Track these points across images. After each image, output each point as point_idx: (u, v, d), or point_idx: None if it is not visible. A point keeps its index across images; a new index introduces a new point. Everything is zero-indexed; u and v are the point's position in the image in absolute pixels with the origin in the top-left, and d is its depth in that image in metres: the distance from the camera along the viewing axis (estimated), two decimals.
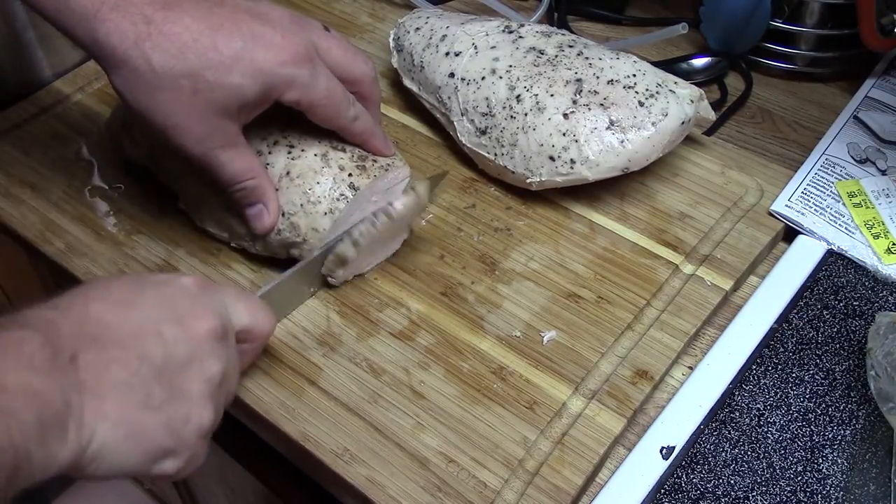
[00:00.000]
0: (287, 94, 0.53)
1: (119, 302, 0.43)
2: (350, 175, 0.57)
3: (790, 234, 0.64)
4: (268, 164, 0.58)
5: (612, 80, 0.62)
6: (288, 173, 0.57)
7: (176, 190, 0.63)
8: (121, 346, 0.41)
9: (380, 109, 0.61)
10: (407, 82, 0.71)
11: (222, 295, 0.48)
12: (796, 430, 0.54)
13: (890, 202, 0.65)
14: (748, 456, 0.52)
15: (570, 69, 0.63)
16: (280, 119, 0.59)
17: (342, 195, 0.57)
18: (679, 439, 0.53)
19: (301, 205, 0.57)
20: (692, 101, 0.63)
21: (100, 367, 0.39)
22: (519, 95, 0.62)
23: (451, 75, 0.66)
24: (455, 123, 0.66)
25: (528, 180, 0.62)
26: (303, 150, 0.58)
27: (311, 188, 0.57)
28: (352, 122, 0.57)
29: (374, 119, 0.59)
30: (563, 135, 0.60)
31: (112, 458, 0.39)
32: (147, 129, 0.55)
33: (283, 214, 0.57)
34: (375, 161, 0.59)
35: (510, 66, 0.64)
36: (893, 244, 0.62)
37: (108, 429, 0.39)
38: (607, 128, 0.60)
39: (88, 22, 0.49)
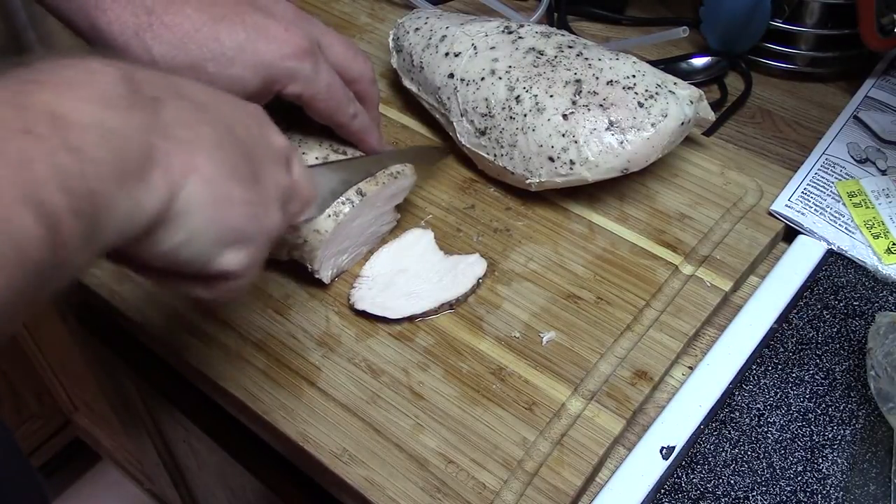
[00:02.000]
0: (289, 88, 0.53)
1: (199, 86, 0.40)
2: (360, 205, 0.57)
3: (790, 234, 0.64)
4: None
5: (611, 81, 0.62)
6: None
7: None
8: (208, 112, 0.38)
9: (379, 110, 0.61)
10: (406, 83, 0.71)
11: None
12: (796, 430, 0.54)
13: (890, 202, 0.65)
14: (748, 456, 0.52)
15: (569, 70, 0.63)
16: (282, 122, 0.59)
17: (348, 199, 0.56)
18: (679, 439, 0.53)
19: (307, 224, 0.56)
20: (692, 102, 0.63)
21: (189, 122, 0.37)
22: (518, 96, 0.62)
23: (451, 76, 0.66)
24: (454, 124, 0.66)
25: (528, 181, 0.62)
26: (304, 154, 0.58)
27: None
28: (351, 118, 0.57)
29: (372, 119, 0.59)
30: (563, 135, 0.60)
31: (191, 223, 0.36)
32: None
33: None
34: (385, 168, 0.59)
35: (509, 66, 0.64)
36: (893, 244, 0.62)
37: (196, 185, 0.36)
38: (607, 128, 0.60)
39: (89, 11, 0.49)
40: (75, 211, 0.31)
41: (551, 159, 0.61)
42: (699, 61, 0.79)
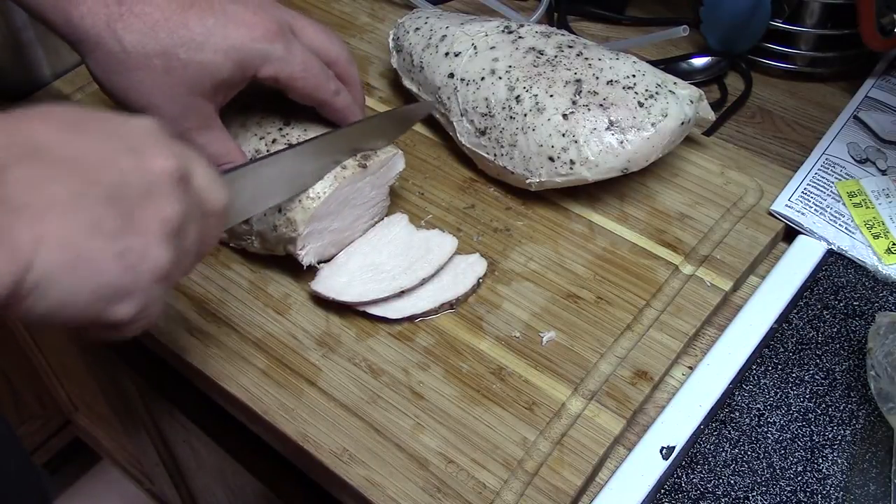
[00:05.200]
0: (263, 70, 0.53)
1: (64, 123, 0.37)
2: (353, 174, 0.57)
3: (790, 234, 0.64)
4: None
5: (611, 81, 0.62)
6: None
7: None
8: (63, 165, 0.36)
9: (362, 91, 0.61)
10: (406, 83, 0.71)
11: (183, 146, 0.42)
12: (796, 430, 0.54)
13: (890, 202, 0.65)
14: (748, 456, 0.52)
15: (569, 70, 0.63)
16: (279, 118, 0.59)
17: (343, 167, 0.57)
18: (679, 439, 0.53)
19: (299, 200, 0.56)
20: (692, 102, 0.63)
21: (35, 185, 0.34)
22: (518, 96, 0.62)
23: (451, 76, 0.66)
24: (454, 124, 0.66)
25: (528, 181, 0.62)
26: None
27: (315, 207, 0.56)
28: (333, 95, 0.57)
29: (355, 100, 0.59)
30: (563, 135, 0.60)
31: (57, 290, 0.35)
32: (122, 108, 0.54)
33: (279, 210, 0.57)
34: (378, 156, 0.59)
35: (509, 66, 0.64)
36: (893, 244, 0.62)
37: (51, 252, 0.34)
38: (607, 128, 0.60)
39: (63, 6, 0.50)
40: None
41: (551, 159, 0.61)
42: (699, 61, 0.79)
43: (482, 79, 0.64)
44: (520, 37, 0.66)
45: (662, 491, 0.51)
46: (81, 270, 0.35)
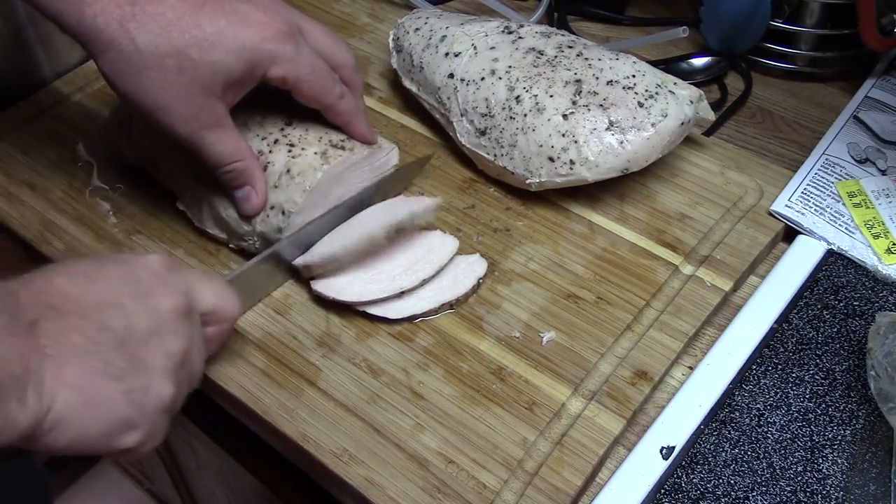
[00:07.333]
0: (272, 70, 0.54)
1: (81, 275, 0.43)
2: (343, 160, 0.58)
3: (790, 234, 0.64)
4: (269, 162, 0.58)
5: (611, 81, 0.62)
6: (288, 171, 0.57)
7: (175, 191, 0.63)
8: (81, 315, 0.41)
9: (363, 98, 0.62)
10: (406, 83, 0.71)
11: (188, 275, 0.48)
12: (796, 430, 0.54)
13: (890, 202, 0.65)
14: (748, 456, 0.52)
15: (569, 70, 0.63)
16: (280, 119, 0.60)
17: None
18: (679, 439, 0.53)
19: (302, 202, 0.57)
20: (692, 102, 0.63)
21: (60, 334, 0.39)
22: (518, 96, 0.62)
23: (451, 76, 0.66)
24: (454, 124, 0.66)
25: (528, 181, 0.62)
26: (303, 149, 0.58)
27: (311, 185, 0.57)
28: (338, 99, 0.58)
29: (357, 107, 0.60)
30: (563, 135, 0.60)
31: (73, 427, 0.39)
32: (136, 112, 0.55)
33: (283, 213, 0.57)
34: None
35: (509, 66, 0.64)
36: (893, 244, 0.62)
37: (68, 395, 0.39)
38: (607, 128, 0.60)
39: (75, 6, 0.50)
40: None
41: (551, 159, 0.61)
42: (699, 61, 0.79)
43: (482, 79, 0.64)
44: (520, 37, 0.66)
45: (662, 491, 0.51)
46: (93, 409, 0.40)
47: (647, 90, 0.61)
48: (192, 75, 0.51)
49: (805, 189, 0.65)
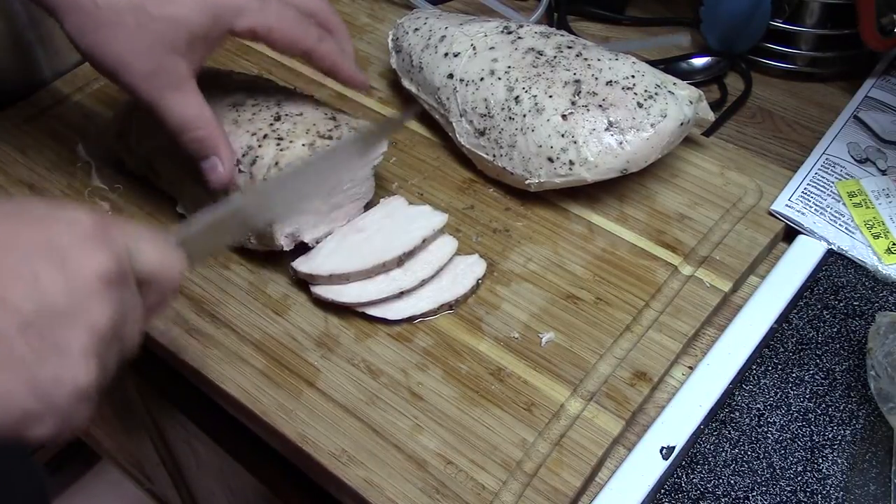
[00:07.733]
0: (238, 23, 0.53)
1: None
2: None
3: (790, 234, 0.64)
4: (258, 156, 0.58)
5: (610, 82, 0.62)
6: (277, 163, 0.57)
7: (174, 195, 0.63)
8: None
9: (349, 39, 0.60)
10: (405, 83, 0.71)
11: (124, 234, 0.41)
12: (796, 430, 0.54)
13: (890, 202, 0.64)
14: (748, 456, 0.52)
15: (568, 70, 0.63)
16: (271, 116, 0.60)
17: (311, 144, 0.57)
18: (679, 439, 0.53)
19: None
20: (691, 102, 0.63)
21: None
22: (518, 96, 0.62)
23: (450, 76, 0.66)
24: (454, 124, 0.66)
25: (527, 181, 0.62)
26: (291, 142, 0.58)
27: None
28: (317, 42, 0.57)
29: (344, 50, 0.59)
30: (562, 136, 0.60)
31: None
32: (99, 71, 0.54)
33: None
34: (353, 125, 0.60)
35: (509, 66, 0.64)
36: (893, 244, 0.62)
37: None
38: (606, 129, 0.60)
39: None
40: None
41: (550, 160, 0.61)
42: (699, 61, 0.79)
43: (481, 79, 0.64)
44: (519, 37, 0.66)
45: (662, 491, 0.51)
46: None
47: (646, 90, 0.61)
48: (151, 29, 0.51)
49: (805, 189, 0.65)
